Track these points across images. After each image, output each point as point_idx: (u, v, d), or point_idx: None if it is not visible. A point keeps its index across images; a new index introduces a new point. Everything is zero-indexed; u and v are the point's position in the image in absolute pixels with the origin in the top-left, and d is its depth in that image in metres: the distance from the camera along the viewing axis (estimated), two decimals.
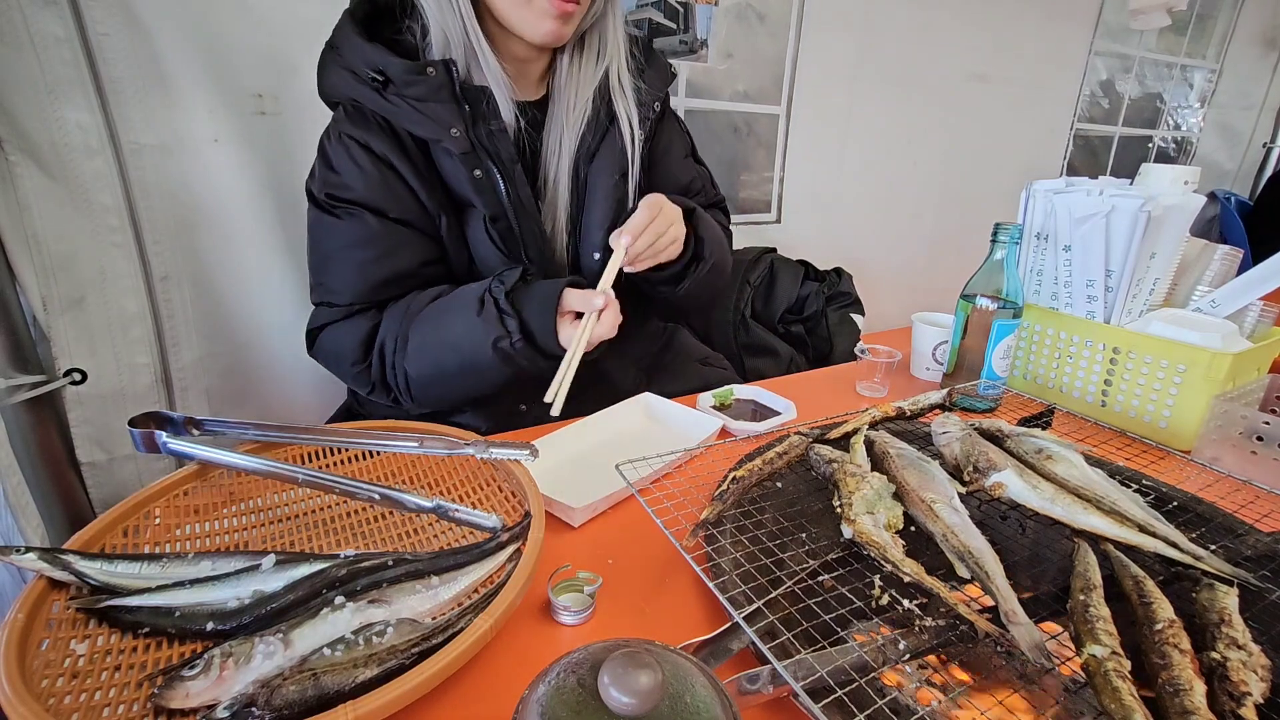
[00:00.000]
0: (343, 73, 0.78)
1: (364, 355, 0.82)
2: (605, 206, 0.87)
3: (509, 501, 0.62)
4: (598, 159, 0.87)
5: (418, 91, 0.76)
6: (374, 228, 0.80)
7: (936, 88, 2.14)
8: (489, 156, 0.79)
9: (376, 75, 0.76)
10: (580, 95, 0.86)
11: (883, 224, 2.22)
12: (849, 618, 0.47)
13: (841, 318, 1.64)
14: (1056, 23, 2.35)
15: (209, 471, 0.62)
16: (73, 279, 0.94)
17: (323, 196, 0.81)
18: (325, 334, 0.85)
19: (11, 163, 0.88)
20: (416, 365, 0.80)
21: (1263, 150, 3.19)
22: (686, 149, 1.01)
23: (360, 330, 0.82)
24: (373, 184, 0.79)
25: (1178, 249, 0.88)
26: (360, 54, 0.77)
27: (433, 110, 0.76)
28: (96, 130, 0.95)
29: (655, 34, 1.61)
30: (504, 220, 0.82)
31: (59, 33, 0.90)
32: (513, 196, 0.82)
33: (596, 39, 0.86)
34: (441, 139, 0.77)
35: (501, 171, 0.80)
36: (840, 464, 0.63)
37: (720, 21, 1.69)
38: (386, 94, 0.76)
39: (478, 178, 0.80)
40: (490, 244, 0.83)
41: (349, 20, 0.79)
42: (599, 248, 0.88)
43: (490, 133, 0.79)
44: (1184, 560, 0.52)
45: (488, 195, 0.81)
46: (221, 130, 1.07)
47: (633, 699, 0.27)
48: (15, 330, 0.90)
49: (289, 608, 0.47)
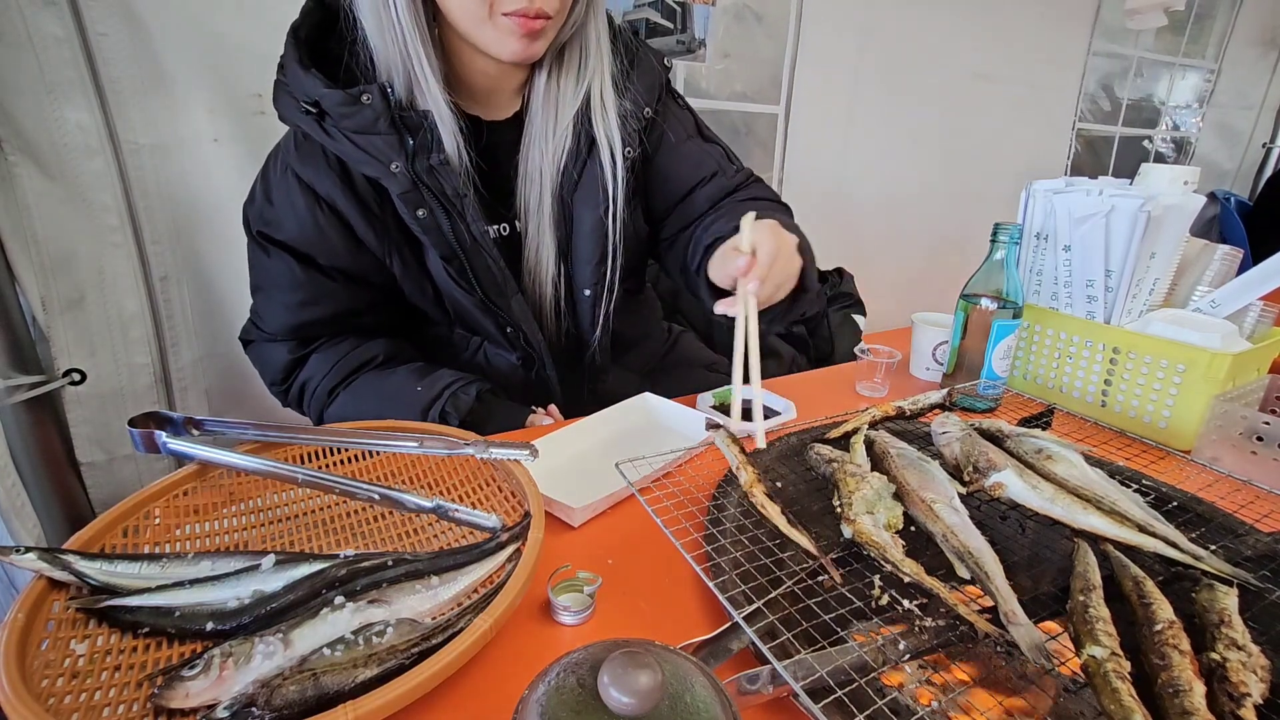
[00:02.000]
0: (286, 98, 0.72)
1: (284, 380, 0.82)
2: (593, 240, 0.82)
3: (509, 501, 0.62)
4: (581, 189, 0.81)
5: (354, 124, 0.69)
6: (299, 275, 0.77)
7: (938, 87, 2.14)
8: (432, 194, 0.73)
9: (310, 107, 0.70)
10: (561, 117, 0.78)
11: (885, 224, 2.22)
12: (849, 618, 0.47)
13: (843, 318, 1.64)
14: (1055, 22, 2.35)
15: (209, 471, 0.62)
16: (72, 279, 0.94)
17: (255, 231, 0.79)
18: (253, 347, 0.86)
19: (12, 163, 0.88)
20: (338, 414, 0.81)
21: (1262, 150, 3.19)
22: (690, 129, 0.91)
23: (284, 356, 0.82)
24: (306, 229, 0.75)
25: (1177, 249, 0.88)
26: (297, 81, 0.70)
27: (371, 144, 0.70)
28: (96, 130, 0.95)
29: (652, 34, 1.60)
30: (456, 260, 0.77)
31: (58, 32, 0.90)
32: (462, 235, 0.76)
33: (578, 51, 0.78)
34: (382, 176, 0.71)
35: (447, 209, 0.74)
36: (840, 464, 0.63)
37: (718, 21, 1.69)
38: (325, 125, 0.70)
39: (422, 218, 0.73)
40: (449, 279, 0.79)
41: (290, 39, 0.72)
42: (589, 284, 0.84)
43: (430, 168, 0.72)
44: (1184, 560, 0.52)
45: (435, 236, 0.75)
46: (221, 130, 1.07)
47: (633, 699, 0.27)
48: (15, 330, 0.90)
49: (289, 608, 0.47)
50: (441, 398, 0.77)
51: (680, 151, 0.88)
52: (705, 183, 0.89)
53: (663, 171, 0.88)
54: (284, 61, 0.72)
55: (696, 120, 0.93)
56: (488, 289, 0.80)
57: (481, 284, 0.79)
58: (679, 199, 0.90)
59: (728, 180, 0.90)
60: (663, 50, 1.62)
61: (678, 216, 0.91)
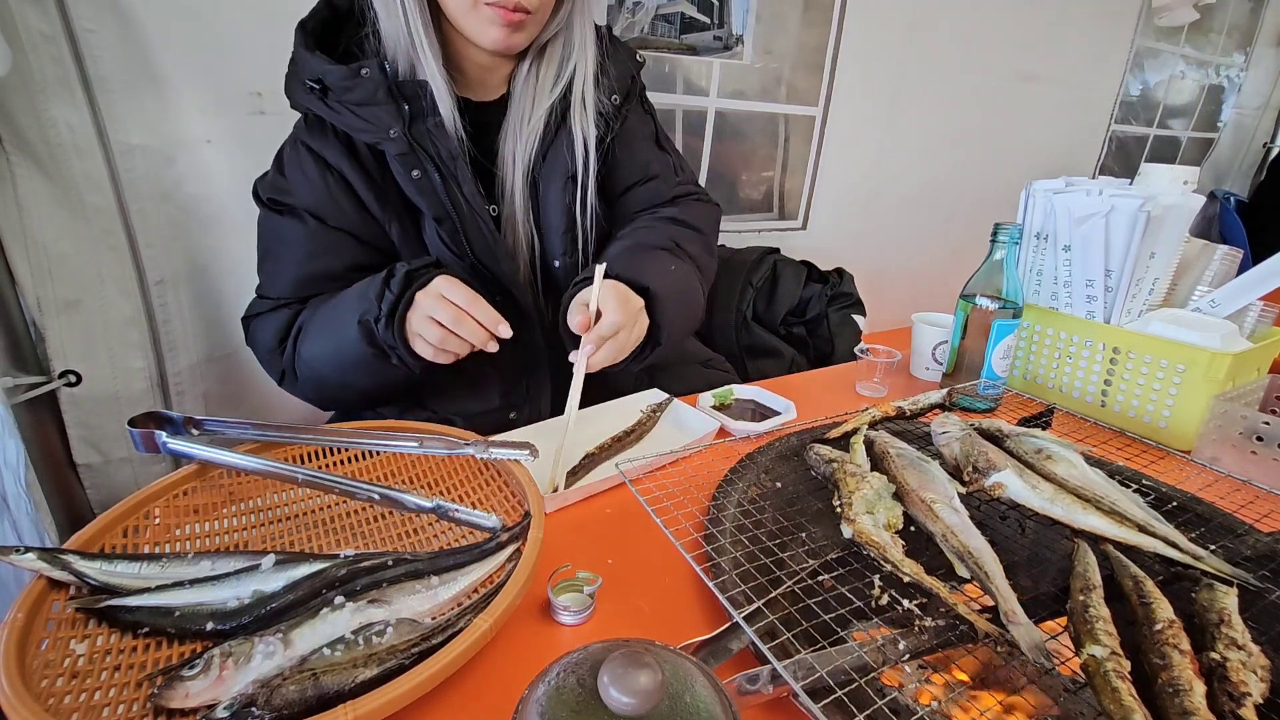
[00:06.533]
0: (295, 84, 0.79)
1: (280, 343, 0.83)
2: (558, 212, 0.86)
3: (509, 501, 0.62)
4: (547, 162, 0.86)
5: (355, 96, 0.75)
6: (310, 228, 0.81)
7: (980, 88, 2.10)
8: (427, 156, 0.78)
9: (314, 84, 0.76)
10: (537, 106, 0.84)
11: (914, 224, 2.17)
12: (849, 618, 0.47)
13: (843, 318, 1.64)
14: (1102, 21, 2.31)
15: (208, 471, 0.62)
16: (69, 280, 0.94)
17: (266, 199, 0.82)
18: (255, 322, 0.86)
19: (12, 162, 0.87)
20: (307, 343, 0.79)
21: (1262, 150, 3.19)
22: (649, 133, 0.97)
23: (282, 321, 0.83)
24: (317, 193, 0.80)
25: (1177, 249, 0.88)
26: (304, 64, 0.77)
27: (371, 114, 0.76)
28: (85, 129, 0.94)
29: (688, 29, 1.52)
30: (449, 221, 0.81)
31: (46, 29, 0.88)
32: (455, 196, 0.80)
33: (560, 48, 0.84)
34: (381, 141, 0.77)
35: (440, 170, 0.79)
36: (840, 464, 0.63)
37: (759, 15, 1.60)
38: (328, 101, 0.77)
39: (416, 179, 0.79)
40: (442, 245, 0.82)
41: (298, 32, 0.79)
42: (559, 255, 0.88)
43: (427, 130, 0.78)
44: (1183, 560, 0.52)
45: (428, 196, 0.80)
46: (215, 130, 1.05)
47: (633, 699, 0.27)
48: (14, 330, 0.90)
49: (289, 608, 0.47)
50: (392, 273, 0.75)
51: (632, 149, 0.94)
52: (643, 183, 0.95)
53: (619, 164, 0.93)
54: (293, 54, 0.79)
55: (657, 126, 0.99)
56: (480, 253, 0.83)
57: (474, 248, 0.83)
58: (620, 193, 0.95)
59: (665, 188, 0.96)
60: (698, 45, 1.55)
61: (615, 209, 0.96)
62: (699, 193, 1.02)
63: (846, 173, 1.94)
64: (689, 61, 1.59)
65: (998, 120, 2.22)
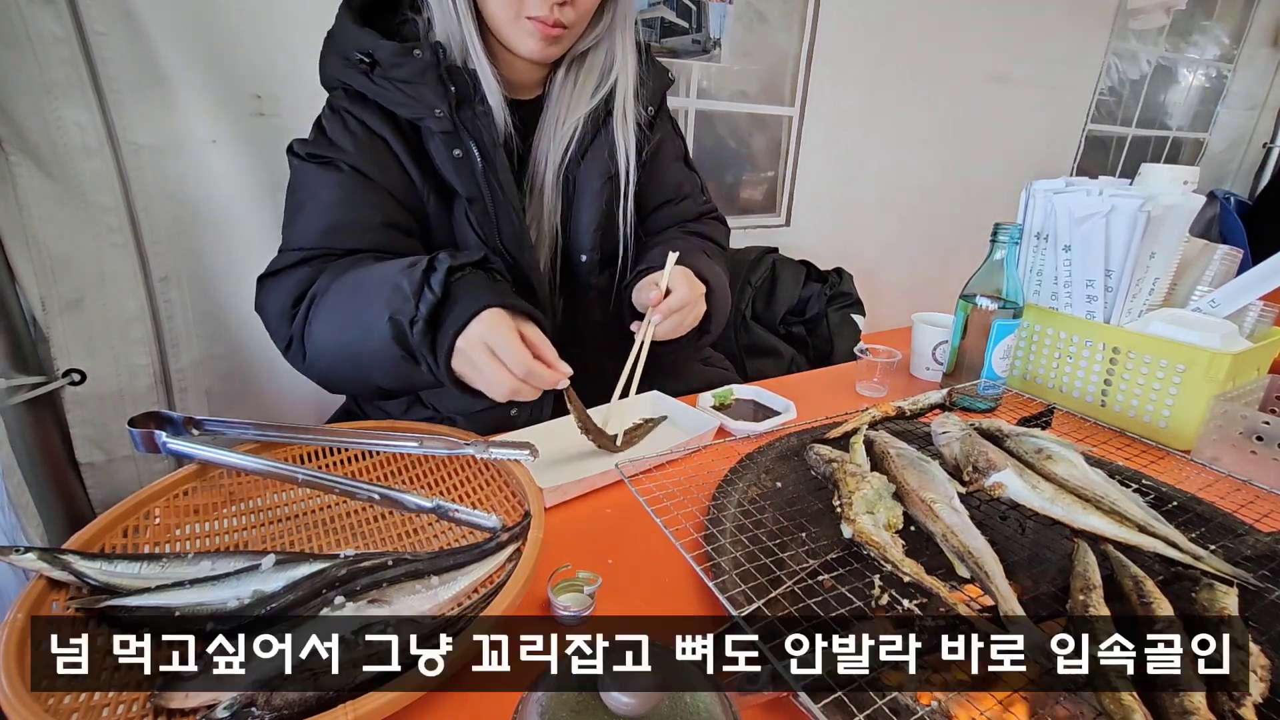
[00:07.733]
0: (335, 58, 0.80)
1: (294, 304, 0.77)
2: (594, 209, 0.88)
3: (509, 501, 0.62)
4: (586, 161, 0.87)
5: (403, 73, 0.77)
6: (349, 176, 0.79)
7: (956, 89, 2.13)
8: (470, 137, 0.80)
9: (364, 58, 0.77)
10: (573, 110, 0.86)
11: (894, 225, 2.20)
12: (849, 618, 0.47)
13: (842, 318, 1.64)
14: (1076, 22, 2.33)
15: (209, 471, 0.62)
16: (72, 279, 0.94)
17: (305, 153, 0.80)
18: (270, 281, 0.80)
19: (12, 163, 0.87)
20: (321, 319, 0.73)
21: (1262, 150, 3.19)
22: (679, 153, 1.01)
23: (301, 279, 0.77)
24: (362, 150, 0.80)
25: (1177, 249, 0.88)
26: (351, 38, 0.78)
27: (417, 91, 0.77)
28: (95, 130, 0.95)
29: (667, 33, 1.58)
30: (480, 203, 0.82)
31: (57, 31, 0.90)
32: (491, 180, 0.81)
33: (601, 59, 0.86)
34: (424, 118, 0.78)
35: (482, 153, 0.80)
36: (840, 464, 0.63)
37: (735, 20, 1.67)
38: (373, 76, 0.77)
39: (457, 157, 0.80)
40: (469, 227, 0.83)
41: (344, 8, 0.81)
42: (587, 250, 0.89)
43: (474, 114, 0.79)
44: (1184, 560, 0.52)
45: (465, 177, 0.81)
46: (220, 131, 1.07)
47: (633, 699, 0.27)
48: (15, 330, 0.90)
49: (289, 608, 0.47)
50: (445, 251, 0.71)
51: (668, 168, 0.98)
52: (675, 202, 0.98)
53: (650, 178, 0.95)
54: (334, 28, 0.81)
55: (686, 148, 1.03)
56: (507, 239, 0.84)
57: (502, 233, 0.83)
58: (651, 209, 0.98)
59: (694, 207, 1.01)
60: (678, 49, 1.60)
61: (644, 225, 0.98)
62: (718, 212, 1.06)
63: (826, 171, 1.98)
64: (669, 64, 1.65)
65: (973, 121, 2.25)
